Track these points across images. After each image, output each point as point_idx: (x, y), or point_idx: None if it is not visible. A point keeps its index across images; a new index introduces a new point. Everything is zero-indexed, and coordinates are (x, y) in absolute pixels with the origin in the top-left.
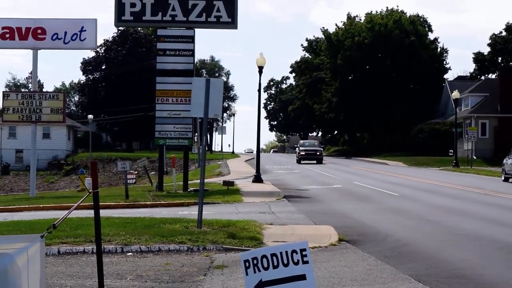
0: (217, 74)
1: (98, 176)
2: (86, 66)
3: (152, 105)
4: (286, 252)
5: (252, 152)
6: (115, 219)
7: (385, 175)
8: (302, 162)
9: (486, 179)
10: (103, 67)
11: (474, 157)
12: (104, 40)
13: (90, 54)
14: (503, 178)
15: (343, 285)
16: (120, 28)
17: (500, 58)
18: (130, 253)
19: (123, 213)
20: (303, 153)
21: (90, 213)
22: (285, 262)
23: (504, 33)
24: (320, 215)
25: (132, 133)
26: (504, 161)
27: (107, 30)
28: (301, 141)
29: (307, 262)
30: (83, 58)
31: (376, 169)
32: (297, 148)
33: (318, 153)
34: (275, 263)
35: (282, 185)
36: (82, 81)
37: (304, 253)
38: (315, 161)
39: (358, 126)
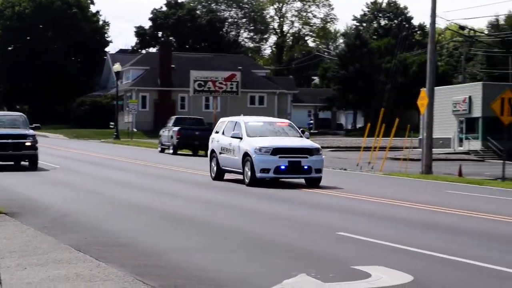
0: None
1: None
2: None
3: None
4: None
5: None
6: None
7: (45, 147)
8: None
9: (146, 150)
10: None
11: (135, 130)
12: None
13: None
14: (159, 149)
15: (1, 257)
16: None
17: (160, 33)
18: None
19: None
20: None
21: None
22: None
23: (164, 8)
24: None
25: None
26: (161, 132)
27: None
28: None
29: None
30: None
31: None
32: None
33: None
34: None
35: None
36: None
37: None
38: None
39: (17, 98)
